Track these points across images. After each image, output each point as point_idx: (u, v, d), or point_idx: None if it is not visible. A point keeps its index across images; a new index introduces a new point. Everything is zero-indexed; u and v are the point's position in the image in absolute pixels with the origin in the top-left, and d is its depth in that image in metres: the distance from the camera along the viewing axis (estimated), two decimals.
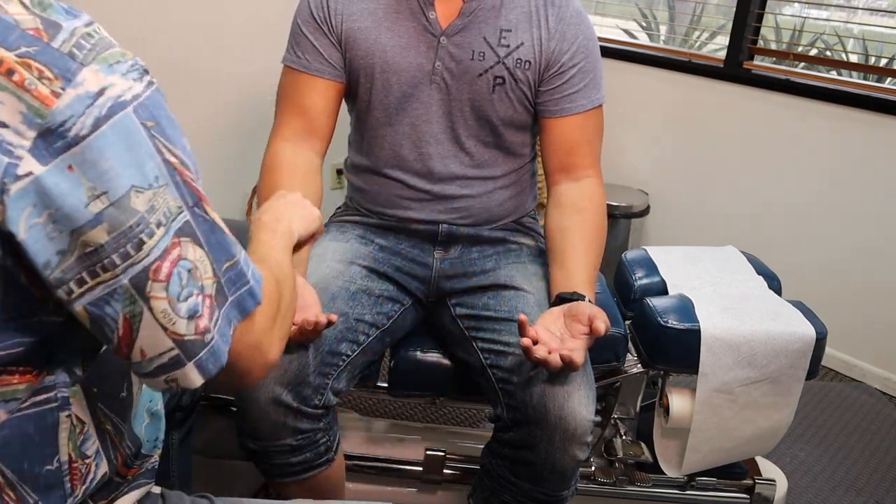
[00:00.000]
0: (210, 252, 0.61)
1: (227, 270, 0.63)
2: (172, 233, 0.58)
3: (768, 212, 2.56)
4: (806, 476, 1.92)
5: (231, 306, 0.64)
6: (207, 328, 0.61)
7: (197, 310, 0.60)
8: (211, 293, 0.61)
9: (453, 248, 1.35)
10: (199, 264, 0.60)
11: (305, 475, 1.16)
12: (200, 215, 0.61)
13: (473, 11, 1.23)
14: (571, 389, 1.11)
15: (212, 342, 0.62)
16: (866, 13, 2.90)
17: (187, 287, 0.59)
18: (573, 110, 1.26)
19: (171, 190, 0.58)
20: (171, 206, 0.58)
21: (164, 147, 0.57)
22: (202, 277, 0.60)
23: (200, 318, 0.60)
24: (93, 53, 0.54)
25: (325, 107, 1.27)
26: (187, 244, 0.59)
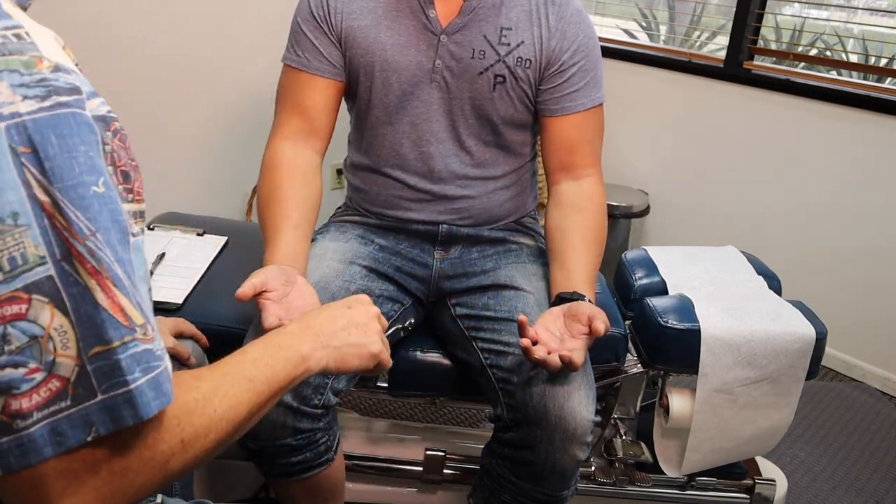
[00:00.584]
0: (77, 325, 0.48)
1: (97, 358, 0.49)
2: (19, 285, 0.47)
3: (768, 212, 2.56)
4: (806, 476, 1.92)
5: (99, 408, 0.49)
6: (22, 412, 0.48)
7: (16, 386, 0.47)
8: (67, 377, 0.48)
9: (453, 248, 1.35)
10: (57, 336, 0.48)
11: (305, 475, 1.16)
12: (71, 275, 0.48)
13: (474, 10, 1.23)
14: (571, 389, 1.11)
15: (24, 432, 0.48)
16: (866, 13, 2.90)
17: (15, 355, 0.47)
18: (573, 109, 1.26)
19: (32, 234, 0.47)
20: (28, 253, 0.47)
21: (35, 181, 0.47)
22: (57, 353, 0.48)
23: (16, 398, 0.47)
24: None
25: (325, 106, 1.27)
26: (42, 305, 0.47)
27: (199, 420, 0.57)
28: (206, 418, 0.58)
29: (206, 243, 1.52)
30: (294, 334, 0.72)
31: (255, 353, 0.67)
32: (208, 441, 0.58)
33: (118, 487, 0.52)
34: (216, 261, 1.46)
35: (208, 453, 0.59)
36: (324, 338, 0.74)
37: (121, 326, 0.50)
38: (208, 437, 0.58)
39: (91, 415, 0.49)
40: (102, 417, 0.50)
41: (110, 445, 0.52)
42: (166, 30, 2.09)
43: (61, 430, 0.49)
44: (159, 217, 1.64)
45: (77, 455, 0.50)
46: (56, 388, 0.48)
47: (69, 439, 0.49)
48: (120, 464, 0.52)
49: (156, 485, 0.55)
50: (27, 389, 0.48)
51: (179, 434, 0.56)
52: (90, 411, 0.49)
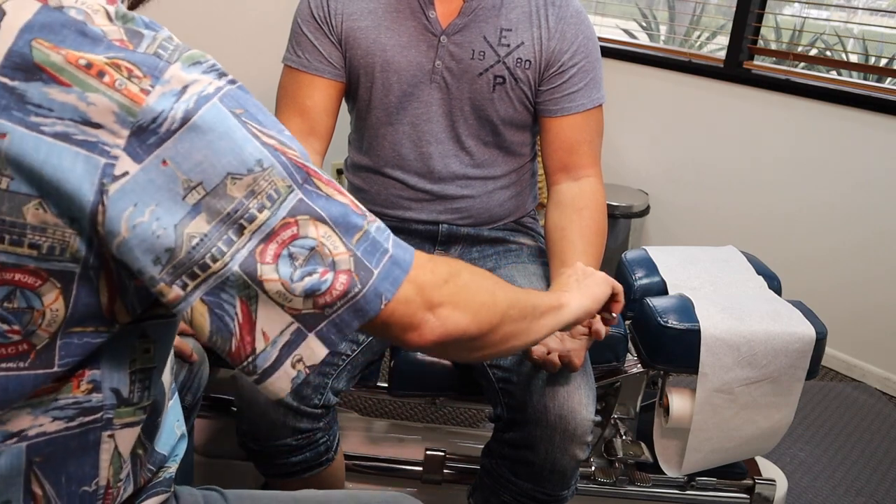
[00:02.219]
0: (336, 227, 0.59)
1: (360, 242, 0.61)
2: (284, 213, 0.57)
3: (768, 212, 2.56)
4: (806, 476, 1.92)
5: (380, 280, 0.61)
6: (329, 303, 0.59)
7: (318, 288, 0.58)
8: (349, 268, 0.59)
9: (453, 248, 1.35)
10: (326, 241, 0.59)
11: (305, 475, 1.16)
12: (314, 191, 0.59)
13: (474, 10, 1.23)
14: (571, 389, 1.11)
15: (335, 315, 0.60)
16: (866, 13, 2.90)
17: (305, 266, 0.58)
18: (573, 110, 1.26)
19: (277, 171, 0.57)
20: (280, 186, 0.57)
21: (259, 131, 0.57)
22: (332, 254, 0.59)
23: (322, 296, 0.59)
24: (176, 53, 0.56)
25: (325, 106, 1.27)
26: (306, 222, 0.58)
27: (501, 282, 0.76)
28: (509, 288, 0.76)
29: None
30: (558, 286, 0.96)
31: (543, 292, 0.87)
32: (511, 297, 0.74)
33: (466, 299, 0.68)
34: None
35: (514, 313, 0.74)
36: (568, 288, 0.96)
37: (360, 215, 0.62)
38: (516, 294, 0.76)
39: (378, 286, 0.61)
40: (385, 285, 0.61)
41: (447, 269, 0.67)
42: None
43: (360, 307, 0.60)
44: None
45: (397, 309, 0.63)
46: (346, 280, 0.59)
47: (369, 312, 0.61)
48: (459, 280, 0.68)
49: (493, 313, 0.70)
50: (326, 288, 0.59)
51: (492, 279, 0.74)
52: (376, 285, 0.61)
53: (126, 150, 0.52)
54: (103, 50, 0.53)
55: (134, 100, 0.53)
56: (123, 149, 0.52)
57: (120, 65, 0.53)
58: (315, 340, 0.60)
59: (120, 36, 0.55)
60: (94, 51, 0.53)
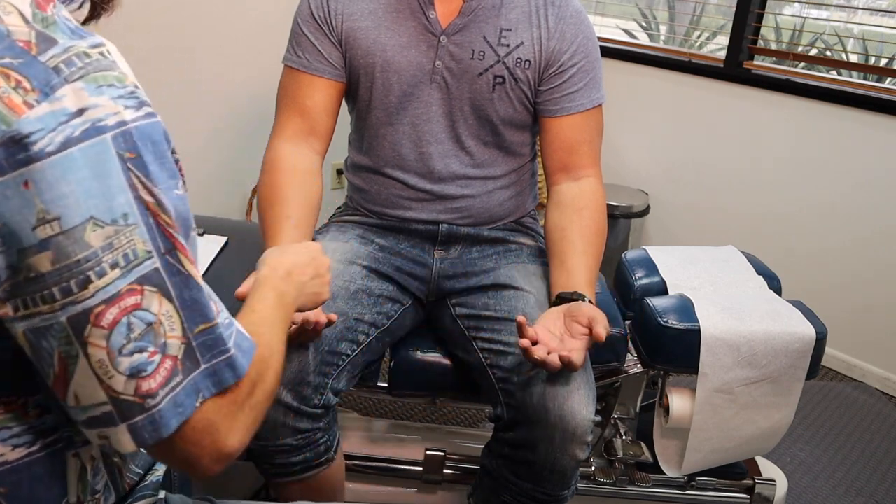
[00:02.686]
0: (181, 309, 0.55)
1: (202, 334, 0.57)
2: (133, 278, 0.53)
3: (768, 212, 2.56)
4: (806, 476, 1.92)
5: (203, 375, 0.57)
6: (151, 392, 0.54)
7: (143, 369, 0.54)
8: (176, 355, 0.55)
9: (453, 248, 1.35)
10: (165, 320, 0.55)
11: (305, 475, 1.16)
12: (174, 266, 0.55)
13: (474, 11, 1.23)
14: (571, 389, 1.11)
15: (154, 409, 0.55)
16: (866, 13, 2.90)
17: (138, 342, 0.53)
18: (573, 110, 1.26)
19: (140, 232, 0.53)
20: (138, 248, 0.53)
21: (139, 183, 0.53)
22: (167, 335, 0.55)
23: (145, 379, 0.54)
24: (81, 71, 0.52)
25: (325, 106, 1.27)
26: (152, 295, 0.54)
27: (276, 357, 0.69)
28: (278, 355, 0.70)
29: (206, 243, 1.52)
30: (286, 281, 0.82)
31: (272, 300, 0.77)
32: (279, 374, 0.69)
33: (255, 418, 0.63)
34: (216, 261, 1.46)
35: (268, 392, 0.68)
36: (301, 286, 0.85)
37: (214, 305, 0.59)
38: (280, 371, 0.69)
39: (198, 382, 0.57)
40: (206, 383, 0.58)
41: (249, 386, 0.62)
42: (166, 30, 2.09)
43: (180, 402, 0.56)
44: None
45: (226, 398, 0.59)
46: (170, 366, 0.55)
47: (187, 408, 0.57)
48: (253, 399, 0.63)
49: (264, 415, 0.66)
50: (152, 371, 0.54)
51: (276, 367, 0.68)
52: (196, 380, 0.57)
53: None
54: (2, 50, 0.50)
55: (14, 109, 0.49)
56: None
57: (9, 74, 0.50)
58: (125, 432, 0.55)
59: (27, 38, 0.51)
60: None
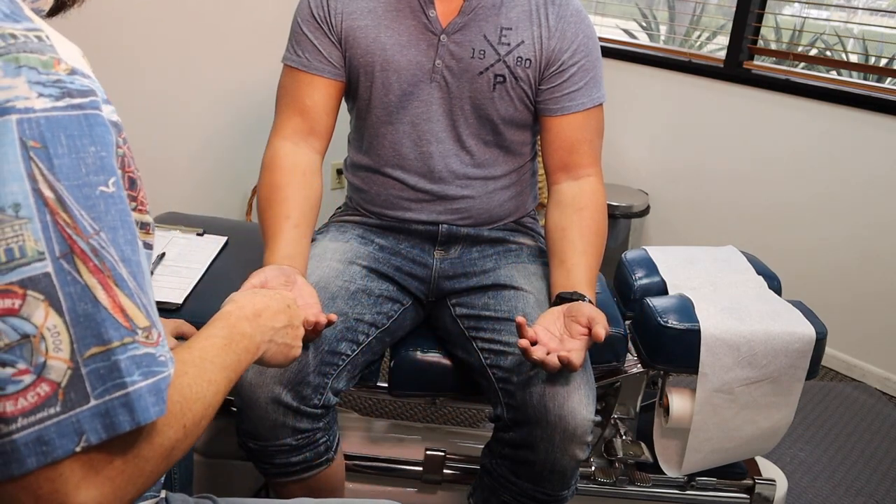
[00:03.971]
0: (72, 326, 0.47)
1: (93, 359, 0.48)
2: (14, 279, 0.46)
3: (768, 212, 2.56)
4: (806, 476, 1.92)
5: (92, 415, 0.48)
6: (6, 416, 0.45)
7: (1, 388, 0.45)
8: (58, 381, 0.46)
9: (453, 248, 1.35)
10: (49, 336, 0.46)
11: (305, 475, 1.16)
12: (70, 273, 0.47)
13: (474, 9, 1.23)
14: (571, 389, 1.11)
15: (8, 438, 0.46)
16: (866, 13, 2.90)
17: (4, 353, 0.45)
18: (573, 109, 1.26)
19: (33, 228, 0.46)
20: (27, 247, 0.46)
21: (42, 175, 0.47)
22: (48, 354, 0.46)
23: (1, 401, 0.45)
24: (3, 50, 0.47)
25: (325, 106, 1.27)
26: (36, 302, 0.46)
27: (196, 406, 0.57)
28: (199, 404, 0.58)
29: (206, 243, 1.52)
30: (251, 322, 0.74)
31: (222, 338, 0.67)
32: (201, 427, 0.58)
33: (131, 476, 0.51)
34: (216, 261, 1.46)
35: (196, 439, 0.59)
36: (270, 332, 0.77)
37: (121, 327, 0.49)
38: (202, 423, 0.58)
39: (82, 422, 0.47)
40: (94, 425, 0.48)
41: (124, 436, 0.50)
42: (166, 30, 2.09)
43: (48, 439, 0.46)
44: (159, 217, 1.64)
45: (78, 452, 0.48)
46: (45, 392, 0.46)
47: (56, 449, 0.47)
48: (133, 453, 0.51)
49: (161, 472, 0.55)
50: (13, 392, 0.46)
51: (182, 420, 0.55)
52: (81, 418, 0.47)
53: None
54: None
55: None
56: None
57: None
58: None
59: None
60: None
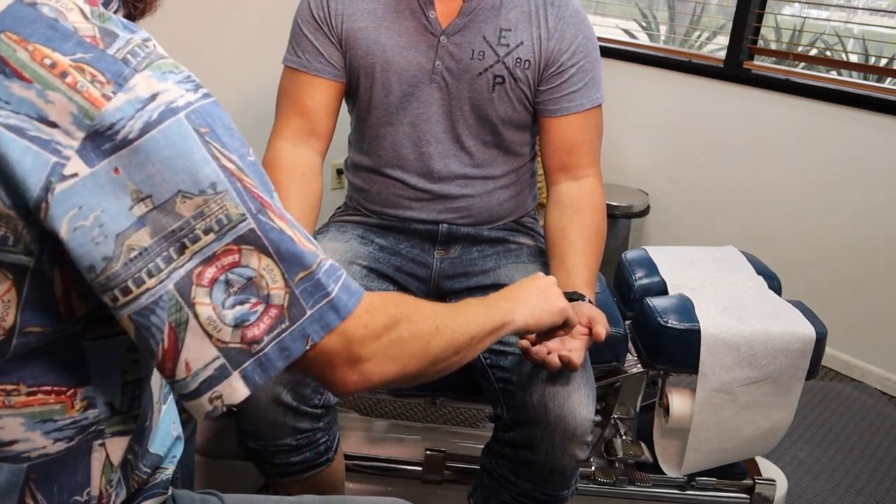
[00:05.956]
0: (280, 262, 0.59)
1: (302, 282, 0.60)
2: (230, 240, 0.56)
3: (768, 212, 2.56)
4: (806, 476, 1.92)
5: (310, 321, 0.60)
6: (256, 338, 0.58)
7: (247, 318, 0.58)
8: (281, 304, 0.59)
9: (453, 247, 1.35)
10: (266, 273, 0.58)
11: (305, 475, 1.16)
12: (267, 223, 0.58)
13: (473, 11, 1.23)
14: (571, 389, 1.11)
15: (261, 353, 0.59)
16: (866, 13, 2.91)
17: (239, 295, 0.57)
18: (573, 109, 1.26)
19: (230, 197, 0.56)
20: (231, 212, 0.56)
21: (220, 153, 0.56)
22: (269, 287, 0.58)
23: (249, 328, 0.58)
24: (146, 61, 0.55)
25: (325, 106, 1.27)
26: (250, 252, 0.57)
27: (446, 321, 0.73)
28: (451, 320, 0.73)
29: None
30: (499, 296, 0.88)
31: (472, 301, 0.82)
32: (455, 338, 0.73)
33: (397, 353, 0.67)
34: None
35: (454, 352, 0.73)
36: (521, 300, 0.89)
37: (310, 253, 0.61)
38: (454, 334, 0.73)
39: (306, 328, 0.60)
40: (314, 327, 0.61)
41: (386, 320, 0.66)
42: (166, 31, 2.09)
43: (286, 346, 0.60)
44: None
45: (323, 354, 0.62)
46: (275, 314, 0.59)
47: (293, 352, 0.60)
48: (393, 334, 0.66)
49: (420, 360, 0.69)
50: (255, 320, 0.58)
51: (434, 322, 0.71)
52: (305, 325, 0.60)
53: (79, 152, 0.52)
54: (72, 47, 0.53)
55: (94, 103, 0.52)
56: (76, 150, 0.52)
57: (84, 69, 0.52)
58: (238, 380, 0.59)
59: (92, 33, 0.54)
60: (62, 47, 0.53)
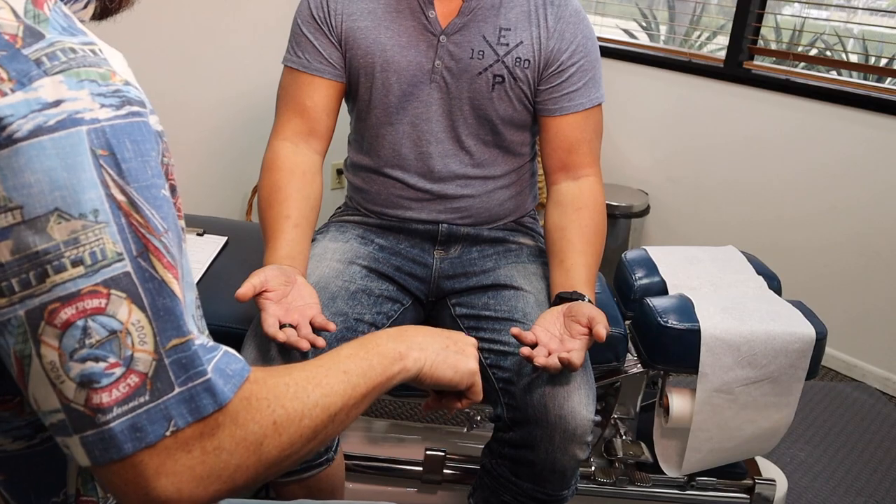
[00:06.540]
0: (154, 320, 0.51)
1: (175, 350, 0.52)
2: (98, 280, 0.49)
3: (768, 212, 2.56)
4: (806, 476, 1.92)
5: (177, 401, 0.52)
6: (102, 406, 0.49)
7: (97, 379, 0.49)
8: (146, 372, 0.51)
9: (453, 247, 1.35)
10: (135, 331, 0.50)
11: (305, 475, 1.16)
12: (147, 270, 0.51)
13: (473, 10, 1.23)
14: (571, 389, 1.11)
15: (105, 426, 0.50)
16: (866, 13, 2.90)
17: (95, 349, 0.49)
18: (572, 109, 1.26)
19: (111, 231, 0.50)
20: (107, 249, 0.50)
21: (112, 181, 0.50)
22: (134, 348, 0.50)
23: (98, 391, 0.49)
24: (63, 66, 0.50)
25: (325, 106, 1.27)
26: (119, 300, 0.50)
27: (292, 404, 0.59)
28: (298, 402, 0.59)
29: (206, 243, 1.52)
30: (390, 336, 0.73)
31: (350, 350, 0.68)
32: (302, 426, 0.59)
33: (212, 467, 0.54)
34: (216, 261, 1.46)
35: (305, 442, 0.59)
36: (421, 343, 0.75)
37: (192, 319, 0.53)
38: (302, 421, 0.59)
39: (170, 408, 0.51)
40: (181, 410, 0.52)
41: (201, 425, 0.53)
42: (166, 31, 2.09)
43: (141, 426, 0.51)
44: None
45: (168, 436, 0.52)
46: (135, 383, 0.50)
47: (148, 434, 0.51)
48: (212, 443, 0.54)
49: (251, 468, 0.56)
50: (107, 384, 0.50)
51: (271, 416, 0.57)
52: (169, 404, 0.51)
53: None
54: None
55: None
56: None
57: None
58: (78, 446, 0.50)
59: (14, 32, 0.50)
60: None
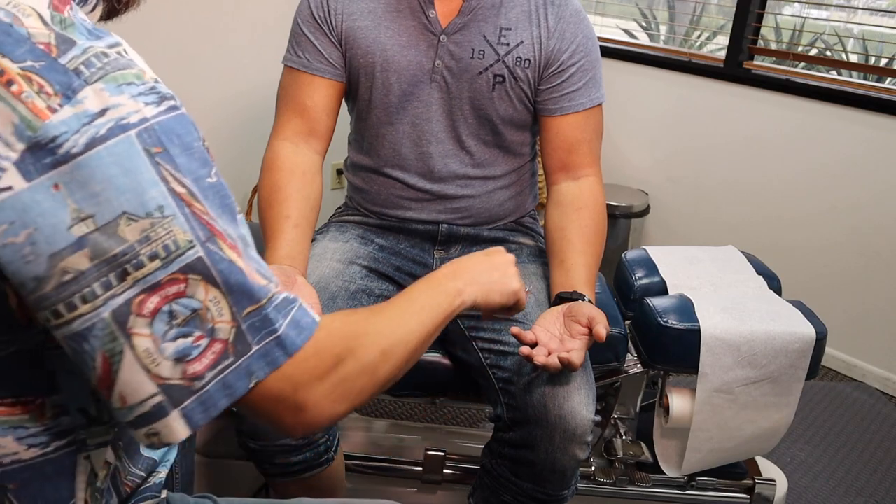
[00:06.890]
0: (228, 294, 0.56)
1: (249, 316, 0.57)
2: (175, 268, 0.53)
3: (768, 212, 2.56)
4: (806, 476, 1.92)
5: (255, 358, 0.58)
6: (198, 374, 0.55)
7: (188, 353, 0.55)
8: (226, 339, 0.56)
9: (453, 247, 1.35)
10: (213, 306, 0.55)
11: (305, 475, 1.16)
12: (216, 252, 0.55)
13: (473, 10, 1.23)
14: (571, 389, 1.11)
15: (203, 391, 0.56)
16: (866, 13, 2.91)
17: (182, 327, 0.54)
18: (573, 109, 1.26)
19: (178, 222, 0.53)
20: (179, 239, 0.53)
21: (170, 175, 0.53)
22: (215, 321, 0.55)
23: (191, 363, 0.55)
24: (101, 72, 0.52)
25: (325, 106, 1.27)
26: (196, 282, 0.54)
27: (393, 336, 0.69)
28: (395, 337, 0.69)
29: None
30: (447, 274, 0.83)
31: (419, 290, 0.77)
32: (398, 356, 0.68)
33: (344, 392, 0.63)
34: None
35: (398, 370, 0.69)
36: (472, 275, 0.85)
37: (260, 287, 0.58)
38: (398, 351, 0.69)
39: (250, 364, 0.57)
40: (260, 364, 0.58)
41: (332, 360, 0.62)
42: (165, 30, 2.09)
43: (229, 383, 0.57)
44: None
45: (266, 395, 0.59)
46: (219, 349, 0.56)
47: (237, 391, 0.57)
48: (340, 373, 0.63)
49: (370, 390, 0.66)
50: (197, 354, 0.55)
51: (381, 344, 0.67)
52: (249, 362, 0.57)
53: (17, 164, 0.49)
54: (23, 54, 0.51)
55: (37, 114, 0.50)
56: (14, 162, 0.49)
57: (32, 78, 0.50)
58: (177, 419, 0.55)
59: (48, 40, 0.52)
60: (12, 53, 0.50)
